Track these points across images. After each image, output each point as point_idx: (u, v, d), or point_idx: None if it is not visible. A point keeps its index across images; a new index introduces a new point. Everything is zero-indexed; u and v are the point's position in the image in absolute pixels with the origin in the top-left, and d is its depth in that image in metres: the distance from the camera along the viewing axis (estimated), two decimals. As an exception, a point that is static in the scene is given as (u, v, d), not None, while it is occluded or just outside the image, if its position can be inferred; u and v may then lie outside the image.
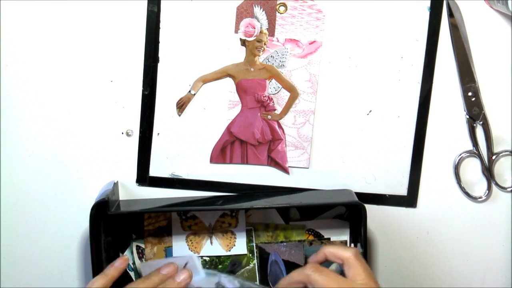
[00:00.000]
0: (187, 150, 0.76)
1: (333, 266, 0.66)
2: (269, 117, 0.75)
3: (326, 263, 0.66)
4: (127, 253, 0.76)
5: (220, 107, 0.75)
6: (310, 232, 0.78)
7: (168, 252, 0.76)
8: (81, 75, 0.73)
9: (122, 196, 0.76)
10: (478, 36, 0.74)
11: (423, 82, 0.74)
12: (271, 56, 0.73)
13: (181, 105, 0.74)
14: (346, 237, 0.77)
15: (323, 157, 0.76)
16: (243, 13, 0.73)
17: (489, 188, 0.76)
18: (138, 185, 0.76)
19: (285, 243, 0.77)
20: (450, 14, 0.73)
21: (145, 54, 0.73)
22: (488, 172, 0.76)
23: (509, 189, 0.76)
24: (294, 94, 0.74)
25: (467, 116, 0.75)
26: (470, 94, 0.74)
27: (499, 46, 0.74)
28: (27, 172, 0.75)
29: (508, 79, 0.75)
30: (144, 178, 0.76)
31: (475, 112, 0.75)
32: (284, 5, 0.72)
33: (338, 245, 0.75)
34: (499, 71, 0.74)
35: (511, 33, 0.74)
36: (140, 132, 0.75)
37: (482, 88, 0.75)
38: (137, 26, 0.72)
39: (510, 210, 0.71)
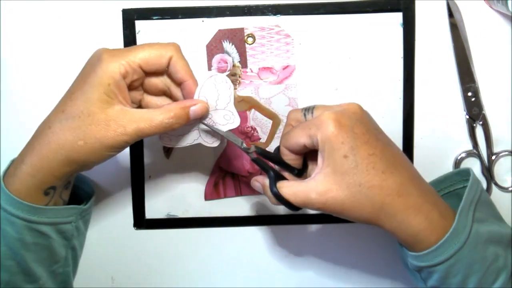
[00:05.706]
0: (180, 190, 0.75)
1: None
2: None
3: None
4: None
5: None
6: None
7: None
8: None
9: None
10: (478, 36, 0.73)
11: (404, 96, 0.73)
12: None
13: (167, 149, 0.74)
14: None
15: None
16: (213, 50, 0.72)
17: (489, 188, 0.75)
18: (136, 229, 0.76)
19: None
20: (450, 14, 0.73)
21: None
22: (488, 172, 0.75)
23: (509, 189, 0.75)
24: (276, 120, 0.73)
25: (467, 116, 0.74)
26: (470, 94, 0.73)
27: (499, 46, 0.73)
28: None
29: (508, 79, 0.74)
30: (141, 222, 0.76)
31: (475, 112, 0.74)
32: (252, 35, 0.71)
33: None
34: (499, 71, 0.73)
35: (511, 33, 0.73)
36: (132, 176, 0.75)
37: (482, 88, 0.73)
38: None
39: (510, 210, 0.69)
